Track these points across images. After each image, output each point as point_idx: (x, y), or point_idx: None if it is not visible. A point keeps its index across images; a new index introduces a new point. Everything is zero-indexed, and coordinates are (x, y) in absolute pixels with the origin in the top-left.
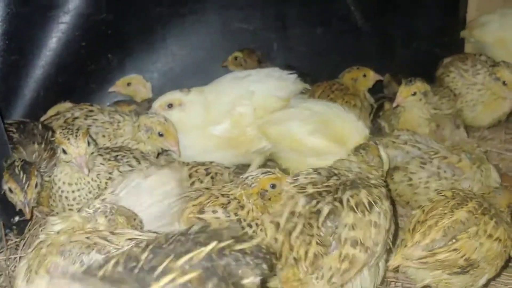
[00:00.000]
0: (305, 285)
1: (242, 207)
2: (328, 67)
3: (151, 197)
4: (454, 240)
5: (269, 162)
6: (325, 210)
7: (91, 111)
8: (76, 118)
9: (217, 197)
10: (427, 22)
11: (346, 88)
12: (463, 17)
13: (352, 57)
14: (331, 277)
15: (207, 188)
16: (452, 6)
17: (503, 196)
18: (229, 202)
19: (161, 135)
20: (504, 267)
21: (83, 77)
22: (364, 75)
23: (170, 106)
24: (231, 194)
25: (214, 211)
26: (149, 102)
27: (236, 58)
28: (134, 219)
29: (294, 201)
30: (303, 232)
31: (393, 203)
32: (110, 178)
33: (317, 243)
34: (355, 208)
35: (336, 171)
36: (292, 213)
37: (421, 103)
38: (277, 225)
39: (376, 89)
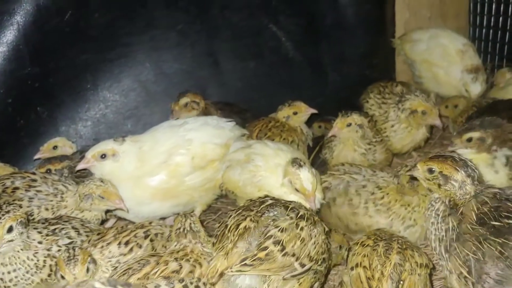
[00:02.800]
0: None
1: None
2: (264, 99)
3: None
4: (402, 282)
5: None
6: (269, 201)
7: (34, 180)
8: (17, 188)
9: (167, 264)
10: (356, 46)
11: (282, 124)
12: (392, 36)
13: (286, 87)
14: (245, 258)
15: (153, 255)
16: (380, 28)
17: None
18: (181, 267)
19: (102, 197)
20: None
21: (13, 133)
22: (295, 113)
23: (103, 156)
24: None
25: (157, 286)
26: (81, 153)
27: (186, 104)
28: None
29: None
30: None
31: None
32: (48, 255)
33: (251, 220)
34: (295, 218)
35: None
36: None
37: (356, 135)
38: None
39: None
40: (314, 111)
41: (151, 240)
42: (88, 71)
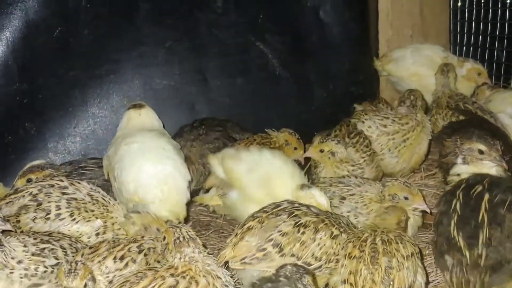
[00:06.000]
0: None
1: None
2: (251, 115)
3: None
4: (392, 282)
5: None
6: (284, 205)
7: None
8: None
9: (164, 279)
10: (341, 63)
11: (274, 142)
12: (376, 54)
13: (273, 103)
14: (245, 257)
15: (150, 269)
16: (364, 46)
17: (392, 216)
18: (177, 283)
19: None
20: None
21: (0, 149)
22: (295, 148)
23: None
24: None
25: None
26: (70, 164)
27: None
28: None
29: None
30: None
31: None
32: (36, 274)
33: (258, 221)
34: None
35: None
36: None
37: (330, 161)
38: None
39: None
40: (302, 161)
41: (145, 255)
42: (77, 87)
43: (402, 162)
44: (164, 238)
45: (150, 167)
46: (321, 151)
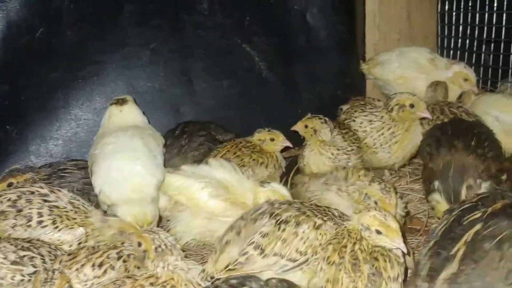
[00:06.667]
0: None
1: None
2: (238, 118)
3: None
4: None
5: None
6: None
7: None
8: None
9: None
10: (328, 66)
11: (254, 146)
12: (363, 57)
13: (260, 105)
14: (228, 264)
15: (129, 277)
16: (351, 49)
17: None
18: None
19: None
20: None
21: None
22: (272, 139)
23: None
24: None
25: None
26: (49, 166)
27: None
28: None
29: None
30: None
31: None
32: (11, 283)
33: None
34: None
35: None
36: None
37: (313, 139)
38: None
39: None
40: (290, 145)
41: (124, 261)
42: (59, 89)
43: (394, 158)
44: (140, 244)
45: (115, 169)
46: (306, 126)
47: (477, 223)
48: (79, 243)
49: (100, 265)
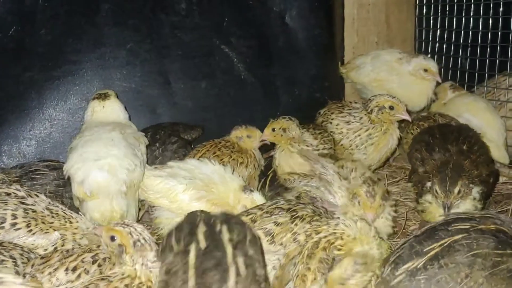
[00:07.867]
0: None
1: None
2: (215, 120)
3: None
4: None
5: None
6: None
7: None
8: None
9: None
10: (306, 69)
11: (233, 145)
12: (341, 61)
13: (238, 107)
14: None
15: (103, 279)
16: (330, 52)
17: None
18: None
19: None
20: None
21: None
22: (249, 136)
23: None
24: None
25: None
26: (21, 167)
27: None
28: None
29: None
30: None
31: None
32: None
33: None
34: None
35: None
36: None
37: (283, 140)
38: None
39: None
40: (267, 141)
41: (99, 265)
42: (33, 88)
43: (370, 160)
44: (113, 238)
45: (88, 151)
46: (273, 129)
47: (462, 232)
48: (55, 248)
49: (74, 269)
